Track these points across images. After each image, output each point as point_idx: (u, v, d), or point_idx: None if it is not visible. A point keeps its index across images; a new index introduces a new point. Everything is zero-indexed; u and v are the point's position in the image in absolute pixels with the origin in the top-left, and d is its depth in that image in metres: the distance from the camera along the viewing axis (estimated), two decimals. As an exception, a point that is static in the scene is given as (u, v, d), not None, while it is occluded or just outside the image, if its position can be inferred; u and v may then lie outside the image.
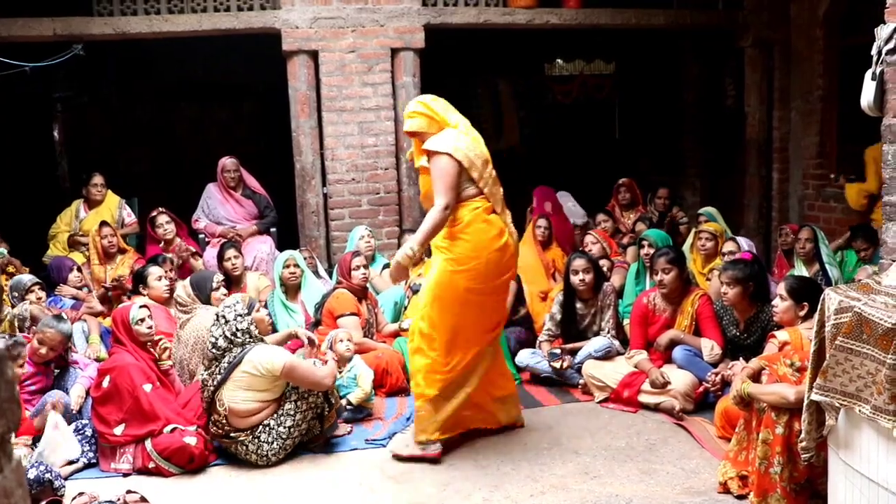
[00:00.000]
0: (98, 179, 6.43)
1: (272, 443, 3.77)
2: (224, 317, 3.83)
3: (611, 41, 8.89)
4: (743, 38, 7.25)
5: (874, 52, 3.23)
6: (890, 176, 3.25)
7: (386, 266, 5.71)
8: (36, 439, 3.79)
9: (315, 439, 3.97)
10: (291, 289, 5.48)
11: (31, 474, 3.34)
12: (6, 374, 0.91)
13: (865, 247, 5.50)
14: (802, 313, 3.63)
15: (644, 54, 9.06)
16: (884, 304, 2.46)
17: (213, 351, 3.81)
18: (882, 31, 3.18)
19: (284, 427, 3.79)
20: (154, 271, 4.99)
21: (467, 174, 3.71)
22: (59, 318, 4.27)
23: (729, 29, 7.30)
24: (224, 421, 3.75)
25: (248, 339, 3.82)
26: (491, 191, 3.79)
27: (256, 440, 3.76)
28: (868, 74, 3.28)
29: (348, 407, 4.30)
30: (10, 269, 5.31)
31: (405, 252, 3.69)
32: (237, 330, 3.80)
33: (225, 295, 4.80)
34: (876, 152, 5.55)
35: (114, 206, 6.49)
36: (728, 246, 5.51)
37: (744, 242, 5.64)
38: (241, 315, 3.83)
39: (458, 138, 3.73)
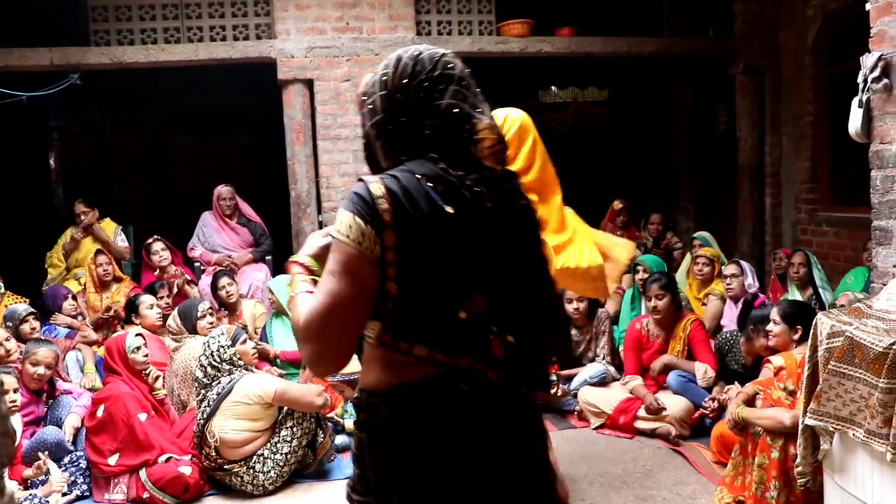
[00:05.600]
0: (80, 208, 6.32)
1: (268, 471, 3.75)
2: (209, 346, 3.89)
3: (604, 69, 8.98)
4: (734, 64, 7.33)
5: (860, 80, 3.28)
6: (879, 201, 3.29)
7: None
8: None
9: (307, 467, 3.95)
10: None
11: (24, 506, 3.32)
12: (0, 409, 0.91)
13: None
14: (796, 337, 3.64)
15: (637, 81, 9.15)
16: (875, 329, 2.47)
17: (203, 380, 3.83)
18: (867, 60, 3.23)
19: (281, 454, 3.77)
20: (145, 300, 4.97)
21: None
22: (40, 340, 4.33)
23: (720, 56, 7.38)
24: (215, 453, 3.74)
25: (233, 369, 3.85)
26: None
27: (252, 470, 3.74)
28: (855, 102, 3.34)
29: (343, 433, 4.30)
30: (8, 300, 5.28)
31: None
32: (221, 360, 3.85)
33: (211, 324, 4.80)
34: None
35: (110, 233, 6.48)
36: (730, 269, 5.53)
37: (745, 266, 5.66)
38: (223, 346, 3.87)
39: None
